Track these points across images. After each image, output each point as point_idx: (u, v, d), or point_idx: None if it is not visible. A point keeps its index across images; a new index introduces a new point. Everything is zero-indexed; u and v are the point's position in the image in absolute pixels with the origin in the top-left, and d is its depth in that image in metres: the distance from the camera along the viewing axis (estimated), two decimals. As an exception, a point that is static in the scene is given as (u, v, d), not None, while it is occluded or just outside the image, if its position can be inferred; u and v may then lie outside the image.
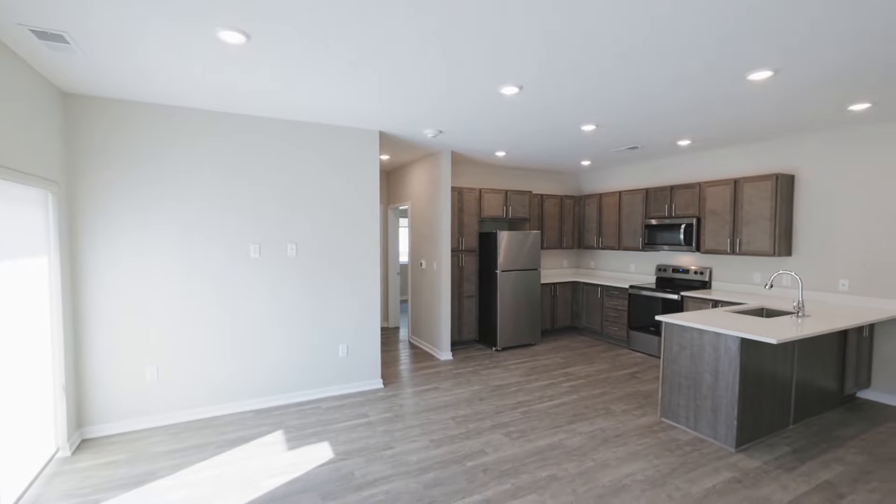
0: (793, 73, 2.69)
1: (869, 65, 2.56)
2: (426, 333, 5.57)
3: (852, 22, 2.06)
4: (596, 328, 6.04)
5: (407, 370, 4.75)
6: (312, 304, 3.91)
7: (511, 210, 5.83)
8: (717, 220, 4.80)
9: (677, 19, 2.03)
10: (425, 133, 4.18)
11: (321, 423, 3.44)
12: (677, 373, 3.37)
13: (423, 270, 5.57)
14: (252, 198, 3.65)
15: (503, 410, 3.67)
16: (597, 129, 4.05)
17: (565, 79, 2.79)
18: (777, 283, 4.58)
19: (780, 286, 4.55)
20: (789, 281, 4.46)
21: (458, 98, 3.18)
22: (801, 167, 4.35)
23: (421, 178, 5.58)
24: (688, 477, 2.66)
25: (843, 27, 2.11)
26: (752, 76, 2.73)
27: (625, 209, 5.89)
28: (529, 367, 4.84)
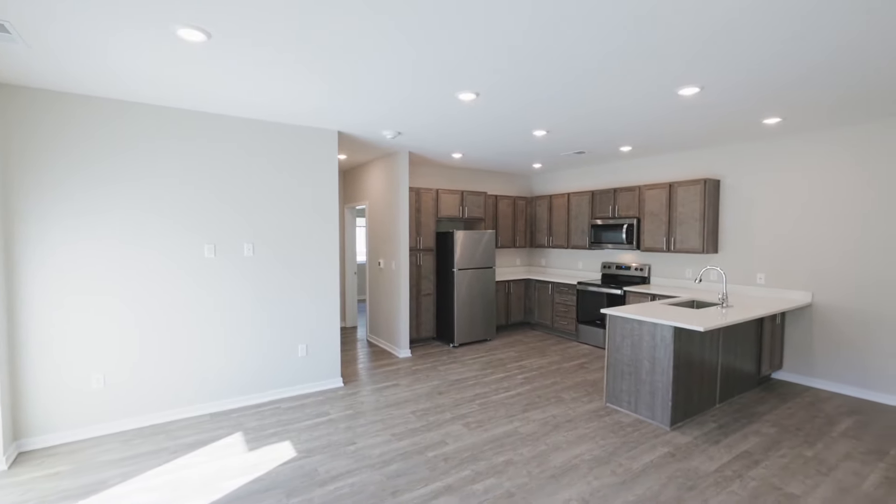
0: (716, 90, 3.02)
1: (779, 84, 2.93)
2: (385, 332, 5.63)
3: (764, 45, 2.37)
4: (547, 323, 6.36)
5: (366, 368, 4.80)
6: (271, 304, 3.87)
7: (467, 210, 6.01)
8: (654, 221, 5.22)
9: (618, 40, 2.26)
10: (384, 134, 4.25)
11: (281, 423, 3.43)
12: (620, 361, 3.67)
13: (382, 270, 5.62)
14: (207, 196, 3.57)
15: (461, 403, 3.82)
16: (547, 134, 4.30)
17: (520, 88, 2.98)
18: (705, 277, 5.06)
19: (708, 280, 5.03)
20: (716, 276, 4.95)
21: (418, 101, 3.28)
22: (725, 173, 4.84)
23: (379, 177, 5.63)
24: (629, 454, 2.92)
25: (757, 49, 2.42)
26: (682, 91, 3.04)
27: (573, 210, 6.25)
28: (486, 362, 5.03)
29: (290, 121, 3.84)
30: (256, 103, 3.33)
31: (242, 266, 3.74)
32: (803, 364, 4.29)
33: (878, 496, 2.44)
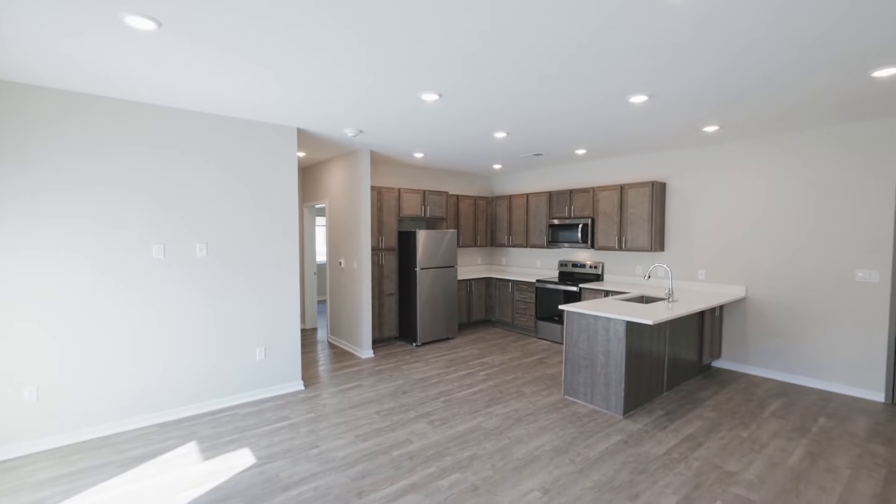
0: (662, 99, 3.23)
1: (716, 94, 3.17)
2: (346, 333, 5.56)
3: (703, 60, 2.56)
4: (508, 320, 6.52)
5: (328, 370, 4.72)
6: (226, 306, 3.73)
7: (429, 210, 6.04)
8: (607, 221, 5.48)
9: (571, 50, 2.37)
10: (345, 132, 4.20)
11: (239, 429, 3.32)
12: (577, 355, 3.84)
13: (343, 269, 5.55)
14: (156, 193, 3.39)
15: (426, 401, 3.85)
16: (508, 136, 4.41)
17: (482, 91, 3.05)
18: (654, 274, 5.37)
19: (656, 277, 5.35)
20: (662, 272, 5.27)
21: (380, 100, 3.28)
22: (670, 176, 5.16)
23: (339, 176, 5.55)
24: (586, 443, 3.07)
25: (696, 63, 2.62)
26: (632, 99, 3.23)
27: (532, 210, 6.43)
28: (448, 360, 5.09)
29: (248, 116, 3.71)
30: (212, 97, 3.20)
31: (194, 267, 3.58)
32: (739, 352, 4.66)
33: (801, 469, 2.71)
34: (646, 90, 3.03)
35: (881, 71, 2.68)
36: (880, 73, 2.70)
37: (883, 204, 3.76)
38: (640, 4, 1.91)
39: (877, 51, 2.39)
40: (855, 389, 3.93)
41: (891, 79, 2.79)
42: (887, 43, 2.30)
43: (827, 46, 2.34)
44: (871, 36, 2.22)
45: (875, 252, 3.81)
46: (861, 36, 2.22)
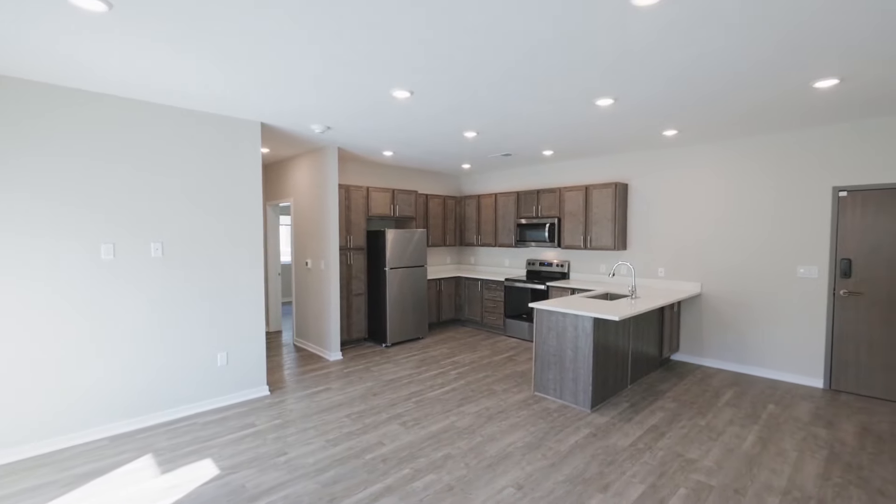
0: (627, 102, 3.35)
1: (675, 100, 3.32)
2: (313, 335, 5.43)
3: (664, 66, 2.68)
4: (477, 319, 6.57)
5: (295, 374, 4.59)
6: (185, 309, 3.55)
7: (398, 209, 5.99)
8: (573, 220, 5.62)
9: (544, 51, 2.41)
10: (312, 128, 4.10)
11: (200, 439, 3.17)
12: (547, 352, 3.92)
13: (310, 270, 5.41)
14: (106, 189, 3.17)
15: (397, 402, 3.82)
16: (477, 135, 4.44)
17: (453, 89, 3.05)
18: (617, 271, 5.57)
19: (619, 274, 5.54)
20: (625, 270, 5.47)
21: (350, 96, 3.22)
22: (632, 178, 5.36)
23: (305, 174, 5.40)
24: (556, 438, 3.14)
25: (658, 69, 2.73)
26: (599, 102, 3.32)
27: (500, 209, 6.51)
28: (419, 360, 5.07)
29: (209, 109, 3.55)
30: (170, 88, 3.04)
31: (149, 268, 3.38)
32: (695, 346, 4.91)
33: (754, 454, 2.89)
34: (612, 93, 3.13)
35: (822, 82, 2.89)
36: (821, 84, 2.91)
37: (822, 205, 4.07)
38: (610, 9, 1.97)
39: (818, 64, 2.58)
40: (798, 377, 4.23)
41: (830, 89, 3.01)
42: (827, 58, 2.48)
43: (774, 60, 2.49)
44: (812, 50, 2.39)
45: (814, 250, 4.11)
46: (804, 50, 2.38)
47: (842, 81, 2.87)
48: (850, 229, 3.93)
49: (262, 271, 3.97)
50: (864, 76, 2.79)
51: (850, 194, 3.92)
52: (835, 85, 2.93)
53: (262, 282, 3.98)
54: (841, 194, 3.98)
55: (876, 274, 3.81)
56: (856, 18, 2.05)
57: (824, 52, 2.41)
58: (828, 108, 3.49)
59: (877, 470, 2.67)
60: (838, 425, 3.30)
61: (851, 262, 3.92)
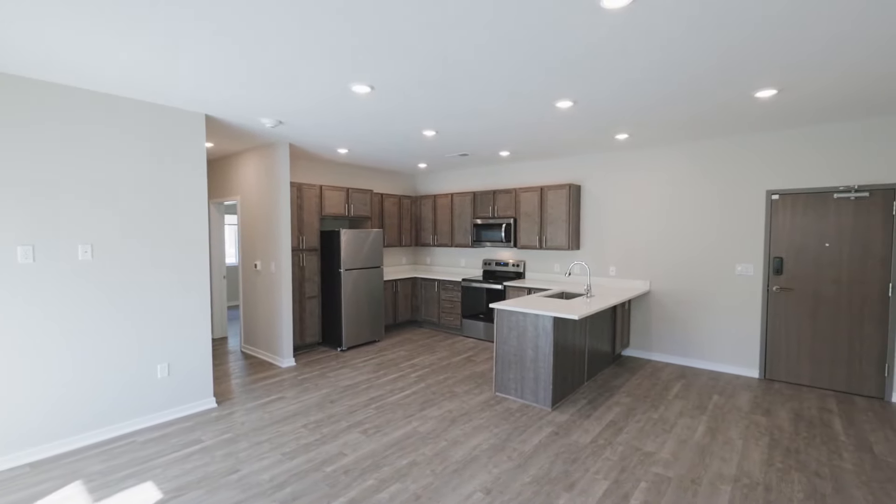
0: (584, 105, 3.42)
1: (629, 105, 3.44)
2: (264, 341, 5.13)
3: (623, 72, 2.75)
4: (434, 320, 6.51)
5: (245, 383, 4.30)
6: (118, 317, 3.20)
7: (353, 208, 5.80)
8: (529, 221, 5.71)
9: (506, 48, 2.39)
10: (263, 122, 3.85)
11: (139, 460, 2.87)
12: (507, 352, 3.93)
13: (259, 272, 5.10)
14: (25, 184, 2.79)
15: (356, 409, 3.67)
16: (437, 134, 4.37)
17: (415, 86, 2.96)
18: (572, 271, 5.71)
19: (574, 273, 5.70)
20: (579, 269, 5.63)
21: (307, 90, 3.04)
22: (585, 180, 5.53)
23: (254, 170, 5.09)
24: (520, 438, 3.15)
25: (618, 72, 2.80)
26: (559, 104, 3.37)
27: (456, 209, 6.49)
28: (377, 363, 4.93)
29: (145, 97, 3.22)
30: (101, 73, 2.72)
31: (77, 272, 3.02)
32: (644, 341, 5.14)
33: (705, 444, 3.05)
34: (571, 96, 3.18)
35: (762, 92, 3.09)
36: (761, 93, 3.12)
37: (757, 207, 4.39)
38: (580, 11, 1.97)
39: (759, 75, 2.75)
40: (737, 368, 4.54)
41: (769, 99, 3.24)
42: (767, 69, 2.65)
43: (720, 69, 2.63)
44: (754, 63, 2.54)
45: (750, 249, 4.43)
46: (746, 62, 2.53)
47: (780, 92, 3.09)
48: (782, 230, 4.26)
49: (208, 274, 3.68)
50: (801, 89, 3.02)
51: (781, 197, 4.26)
52: (773, 95, 3.15)
53: (208, 285, 3.68)
54: (773, 197, 4.31)
55: (804, 271, 4.16)
56: (787, 39, 2.19)
57: (765, 64, 2.58)
58: (765, 117, 3.77)
59: (812, 453, 2.90)
60: (775, 413, 3.56)
61: (783, 260, 4.26)
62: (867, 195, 3.87)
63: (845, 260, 3.98)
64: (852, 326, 3.96)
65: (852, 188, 3.92)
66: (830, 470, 2.69)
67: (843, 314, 4.00)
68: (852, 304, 3.96)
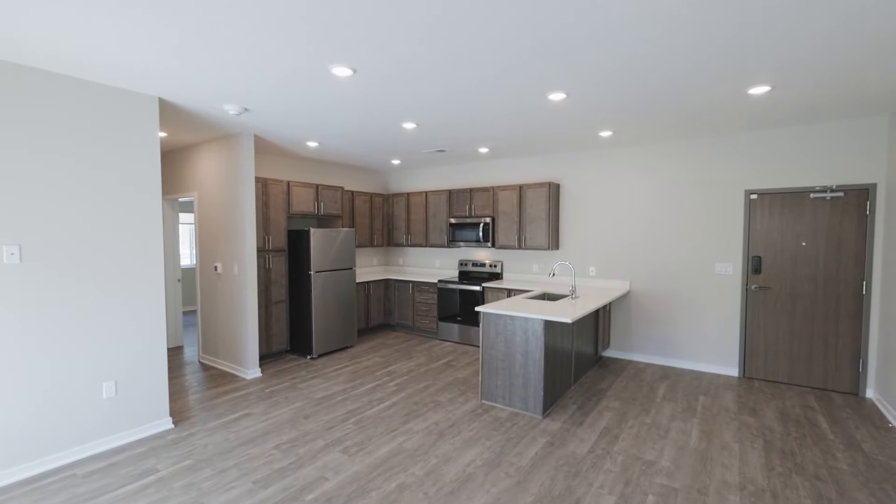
0: (576, 99, 3.27)
1: (615, 100, 3.32)
2: (225, 350, 4.68)
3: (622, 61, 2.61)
4: (408, 323, 6.23)
5: (205, 399, 3.87)
6: (55, 330, 2.74)
7: (323, 206, 5.43)
8: (507, 220, 5.55)
9: (499, 32, 2.18)
10: (226, 109, 3.45)
11: (80, 498, 2.45)
12: (494, 357, 3.73)
13: (220, 275, 4.65)
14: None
15: (334, 424, 3.36)
16: (417, 127, 4.11)
17: (400, 71, 2.70)
18: (545, 270, 5.60)
19: (555, 273, 5.59)
20: (560, 269, 5.53)
21: (278, 72, 2.71)
22: (565, 178, 5.43)
23: (213, 164, 4.63)
24: (515, 451, 2.95)
25: (613, 64, 2.66)
26: (551, 96, 3.20)
27: (431, 208, 6.24)
28: (351, 372, 4.61)
29: (88, 75, 2.77)
30: (34, 48, 2.28)
31: (2, 278, 2.55)
32: (625, 342, 5.10)
33: (702, 449, 2.97)
34: (564, 88, 3.02)
35: (755, 89, 3.05)
36: (755, 90, 3.08)
37: (736, 207, 4.42)
38: None
39: (753, 72, 2.69)
40: (716, 367, 4.56)
41: (762, 96, 3.21)
42: (761, 66, 2.59)
43: (716, 63, 2.54)
44: (749, 59, 2.47)
45: (730, 248, 4.46)
46: (741, 58, 2.45)
47: (773, 89, 3.06)
48: (760, 229, 4.31)
49: (162, 278, 3.25)
50: (795, 86, 3.00)
51: (760, 197, 4.31)
52: (767, 92, 3.11)
53: (162, 291, 3.25)
54: (752, 197, 4.35)
55: (781, 270, 4.22)
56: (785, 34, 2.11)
57: (760, 60, 2.51)
58: (753, 116, 3.77)
59: (807, 455, 2.88)
60: (761, 412, 3.56)
61: (761, 259, 4.31)
62: (842, 195, 3.96)
63: (821, 258, 4.06)
64: (828, 324, 4.05)
65: (828, 188, 4.01)
66: (828, 472, 2.67)
67: (819, 312, 4.08)
68: (828, 302, 4.04)
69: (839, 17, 2.03)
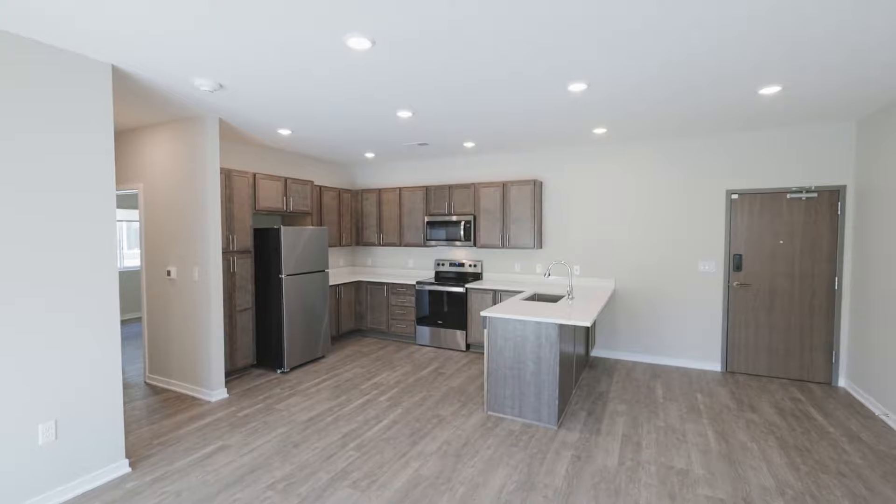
0: (599, 89, 3.09)
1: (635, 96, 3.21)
2: (181, 369, 4.00)
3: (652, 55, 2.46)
4: (382, 328, 5.81)
5: (164, 430, 3.24)
6: (-33, 365, 2.07)
7: (292, 202, 4.86)
8: (490, 218, 5.33)
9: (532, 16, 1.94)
10: (197, 84, 2.87)
11: (15, 585, 1.85)
12: (502, 365, 3.49)
13: (173, 281, 3.96)
14: None
15: (332, 452, 2.93)
16: (412, 116, 3.75)
17: (424, 47, 2.36)
18: (527, 270, 5.48)
19: (532, 273, 5.46)
20: (539, 268, 5.41)
21: (274, 39, 2.25)
22: (548, 175, 5.31)
23: (167, 151, 3.93)
24: (544, 469, 2.73)
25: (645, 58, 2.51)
26: (572, 87, 3.01)
27: (406, 205, 5.87)
28: (333, 386, 4.14)
29: (25, 31, 2.12)
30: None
31: None
32: (611, 341, 5.10)
33: (726, 452, 2.93)
34: (586, 78, 2.84)
35: (766, 89, 3.06)
36: (765, 90, 3.09)
37: (718, 206, 4.54)
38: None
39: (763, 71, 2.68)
40: (700, 363, 4.67)
41: (773, 95, 3.24)
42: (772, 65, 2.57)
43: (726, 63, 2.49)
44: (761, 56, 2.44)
45: (712, 246, 4.57)
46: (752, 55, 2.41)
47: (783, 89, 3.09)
48: (741, 228, 4.46)
49: (116, 290, 2.63)
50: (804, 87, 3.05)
51: (740, 196, 4.45)
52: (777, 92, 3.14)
53: (116, 306, 2.63)
54: (733, 197, 4.49)
55: (760, 267, 4.40)
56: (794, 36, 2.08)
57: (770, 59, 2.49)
58: (743, 116, 3.84)
59: (821, 451, 2.94)
60: (759, 408, 3.64)
61: (742, 256, 4.46)
62: (816, 196, 4.19)
63: (797, 256, 4.27)
64: (803, 318, 4.27)
65: (804, 189, 4.21)
66: (848, 467, 2.72)
67: (796, 307, 4.29)
68: (803, 297, 4.26)
69: (824, 30, 2.01)
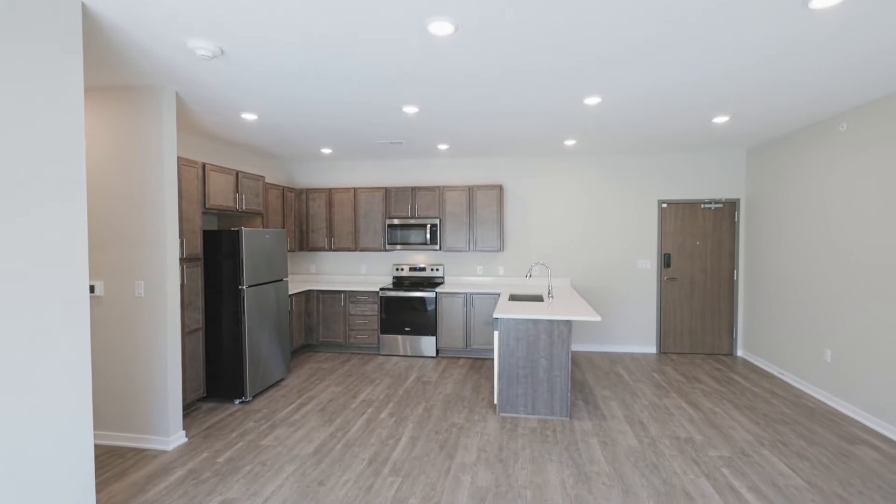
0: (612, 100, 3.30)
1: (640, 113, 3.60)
2: (119, 414, 3.11)
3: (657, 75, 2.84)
4: (339, 341, 5.34)
5: (124, 499, 2.48)
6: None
7: (245, 200, 4.17)
8: (456, 222, 5.34)
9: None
10: (190, 46, 2.28)
11: None
12: (515, 365, 3.54)
13: (100, 300, 3.06)
14: None
15: (371, 483, 2.62)
16: (418, 112, 3.56)
17: (504, 37, 2.31)
18: (490, 272, 5.64)
19: (495, 275, 5.63)
20: (502, 270, 5.61)
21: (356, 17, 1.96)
22: (508, 181, 5.55)
23: (102, 128, 3.02)
24: (589, 459, 2.86)
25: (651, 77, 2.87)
26: (588, 100, 3.23)
27: (362, 208, 5.51)
28: (317, 410, 3.68)
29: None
30: None
31: None
32: (564, 334, 5.53)
33: (703, 417, 3.45)
34: (598, 93, 3.09)
35: (718, 118, 3.72)
36: (717, 119, 3.75)
37: (652, 213, 5.30)
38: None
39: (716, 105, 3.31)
40: (641, 347, 5.39)
41: (723, 124, 3.93)
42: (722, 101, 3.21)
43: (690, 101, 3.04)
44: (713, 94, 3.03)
45: (648, 247, 5.33)
46: (708, 93, 3.00)
47: (732, 119, 3.78)
48: (669, 231, 5.28)
49: (87, 311, 1.96)
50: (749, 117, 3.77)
51: (668, 205, 5.28)
52: (726, 121, 3.83)
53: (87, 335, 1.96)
54: (663, 205, 5.29)
55: (684, 263, 5.27)
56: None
57: (719, 97, 3.10)
58: (688, 139, 4.57)
59: (762, 406, 3.66)
60: (701, 379, 4.36)
61: (670, 255, 5.28)
62: (721, 206, 5.20)
63: (708, 254, 5.23)
64: (713, 304, 5.25)
65: (713, 200, 5.19)
66: (784, 416, 3.46)
67: (708, 295, 5.26)
68: (712, 287, 5.24)
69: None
